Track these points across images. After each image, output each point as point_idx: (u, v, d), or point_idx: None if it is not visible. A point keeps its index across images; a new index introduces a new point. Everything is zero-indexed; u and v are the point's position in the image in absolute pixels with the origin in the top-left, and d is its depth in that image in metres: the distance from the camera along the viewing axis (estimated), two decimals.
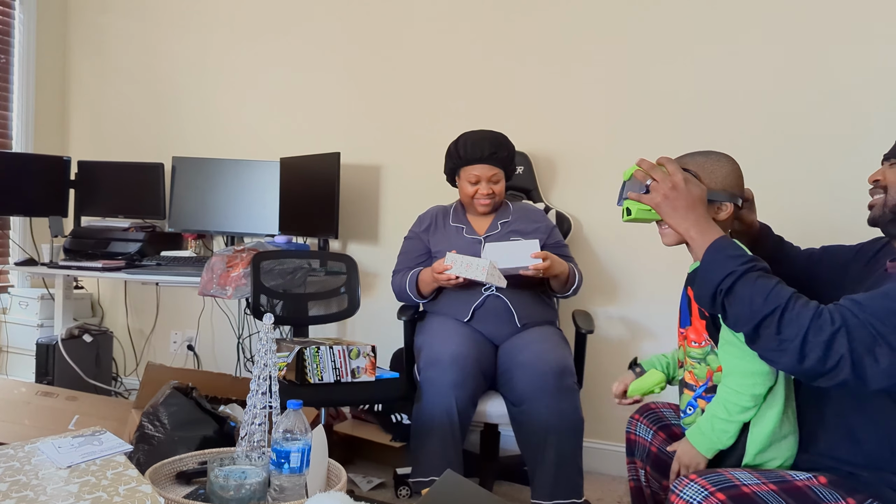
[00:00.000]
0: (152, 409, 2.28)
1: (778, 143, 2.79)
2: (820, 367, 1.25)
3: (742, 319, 1.33)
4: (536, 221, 2.68)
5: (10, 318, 3.75)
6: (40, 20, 3.95)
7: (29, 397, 2.85)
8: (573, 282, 2.58)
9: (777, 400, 1.47)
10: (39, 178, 3.59)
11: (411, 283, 2.61)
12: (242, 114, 3.76)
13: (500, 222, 2.65)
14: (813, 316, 1.27)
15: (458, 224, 2.68)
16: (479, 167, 2.57)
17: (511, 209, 2.71)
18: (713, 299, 1.39)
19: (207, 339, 3.84)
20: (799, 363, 1.26)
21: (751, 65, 2.82)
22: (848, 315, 1.26)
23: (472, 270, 2.33)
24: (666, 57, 2.95)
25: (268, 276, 2.91)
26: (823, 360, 1.24)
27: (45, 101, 4.02)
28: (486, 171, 2.58)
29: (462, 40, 3.29)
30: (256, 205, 3.54)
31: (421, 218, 2.77)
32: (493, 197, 2.61)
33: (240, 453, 1.70)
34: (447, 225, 2.69)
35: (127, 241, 3.57)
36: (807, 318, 1.27)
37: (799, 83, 2.76)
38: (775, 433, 1.47)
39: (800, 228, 2.73)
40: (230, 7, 3.76)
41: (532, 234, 2.62)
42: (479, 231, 2.65)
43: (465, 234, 2.64)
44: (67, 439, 1.60)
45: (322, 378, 2.36)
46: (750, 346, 1.36)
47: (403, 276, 2.65)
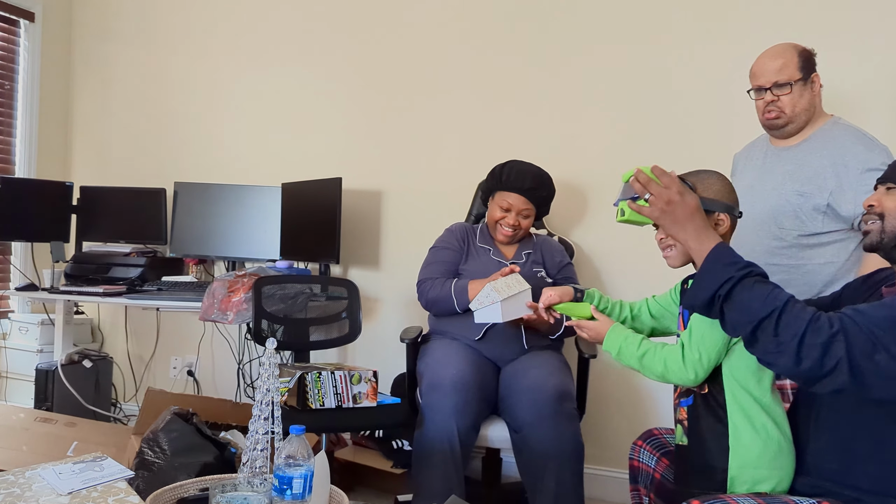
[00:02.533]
0: (152, 434, 2.27)
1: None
2: (817, 370, 1.25)
3: (740, 324, 1.34)
4: (556, 257, 2.70)
5: (9, 343, 3.74)
6: (44, 47, 3.99)
7: (28, 423, 2.83)
8: (559, 328, 2.54)
9: (756, 416, 1.49)
10: (42, 203, 3.60)
11: (460, 291, 2.51)
12: (244, 139, 3.78)
13: (525, 252, 2.66)
14: (811, 319, 1.28)
15: (485, 245, 2.68)
16: (514, 196, 2.59)
17: (534, 240, 2.72)
18: (710, 304, 1.40)
19: (208, 365, 3.83)
20: (796, 365, 1.27)
21: None
22: (847, 321, 1.27)
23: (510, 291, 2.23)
24: (662, 83, 2.98)
25: (269, 301, 2.91)
26: (821, 362, 1.25)
27: (49, 127, 4.04)
28: (520, 203, 2.59)
29: (462, 67, 3.32)
30: (258, 230, 3.54)
31: (452, 230, 2.74)
32: (518, 230, 2.62)
33: (242, 479, 1.69)
34: (475, 244, 2.70)
35: (128, 266, 3.57)
36: (804, 319, 1.28)
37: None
38: (762, 451, 1.47)
39: None
40: (232, 35, 3.80)
41: (552, 268, 2.65)
42: (507, 255, 2.66)
43: (492, 256, 2.64)
44: (68, 465, 1.59)
45: (323, 404, 2.35)
46: (749, 350, 1.37)
47: (444, 284, 2.56)
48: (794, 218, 2.13)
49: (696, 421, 1.55)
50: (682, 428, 1.59)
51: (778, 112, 2.17)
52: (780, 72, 2.15)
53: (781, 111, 2.17)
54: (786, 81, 2.14)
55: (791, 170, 2.17)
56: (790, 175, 2.16)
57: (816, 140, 2.17)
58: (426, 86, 3.40)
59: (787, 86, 2.14)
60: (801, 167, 2.14)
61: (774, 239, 2.16)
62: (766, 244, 2.17)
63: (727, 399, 1.51)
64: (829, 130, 2.17)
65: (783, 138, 2.24)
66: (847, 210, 2.07)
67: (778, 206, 2.15)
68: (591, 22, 3.11)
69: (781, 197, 2.15)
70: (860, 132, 2.15)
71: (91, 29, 4.11)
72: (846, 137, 2.13)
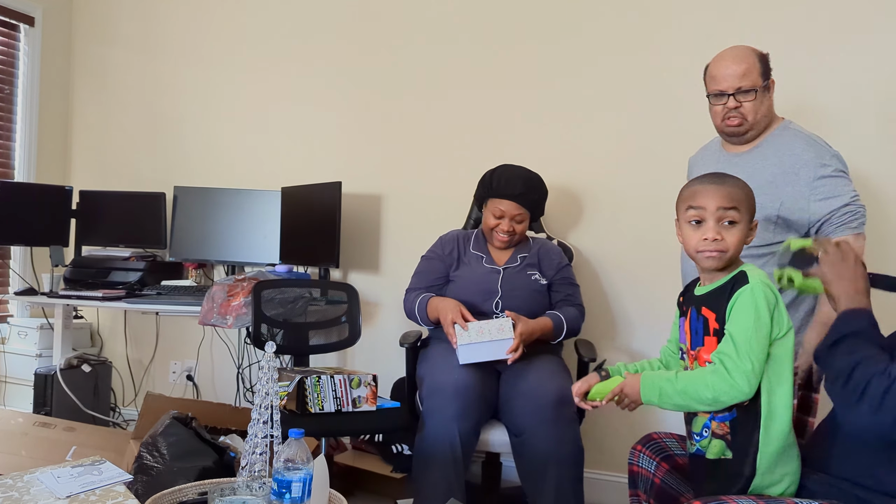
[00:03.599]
0: (151, 439, 2.26)
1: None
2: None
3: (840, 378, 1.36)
4: (553, 259, 2.70)
5: (8, 347, 3.73)
6: (44, 51, 3.99)
7: (26, 428, 2.82)
8: (560, 333, 2.56)
9: (781, 418, 1.48)
10: (41, 207, 3.60)
11: (421, 307, 2.60)
12: (244, 144, 3.78)
13: (520, 255, 2.66)
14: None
15: (479, 252, 2.68)
16: (506, 203, 2.58)
17: (531, 244, 2.72)
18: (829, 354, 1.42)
19: (207, 369, 3.82)
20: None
21: None
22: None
23: (485, 335, 2.37)
24: (660, 87, 2.98)
25: (268, 306, 2.90)
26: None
27: (48, 131, 4.04)
28: (512, 209, 2.58)
29: (463, 72, 3.33)
30: (257, 234, 3.54)
31: (443, 240, 2.76)
32: (513, 235, 2.62)
33: (240, 483, 1.69)
34: (468, 251, 2.70)
35: (127, 270, 3.56)
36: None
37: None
38: (782, 454, 1.47)
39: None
40: (232, 39, 3.80)
41: (549, 271, 2.65)
42: (499, 262, 2.66)
43: (484, 264, 2.64)
44: (67, 469, 1.59)
45: (323, 408, 2.34)
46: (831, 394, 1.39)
47: (416, 297, 2.63)
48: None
49: (744, 434, 1.51)
50: (725, 443, 1.54)
51: (741, 119, 2.12)
52: (743, 77, 2.08)
53: (744, 118, 2.12)
54: (750, 87, 2.09)
55: (742, 177, 2.08)
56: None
57: (768, 146, 2.14)
58: (426, 90, 3.40)
59: (752, 92, 2.09)
60: (754, 176, 2.06)
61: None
62: None
63: (762, 405, 1.50)
64: (781, 136, 2.15)
65: (739, 144, 2.20)
66: (798, 220, 2.07)
67: None
68: (591, 25, 3.11)
69: None
70: (811, 138, 2.12)
71: (91, 33, 4.12)
72: (797, 144, 2.10)
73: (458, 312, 2.42)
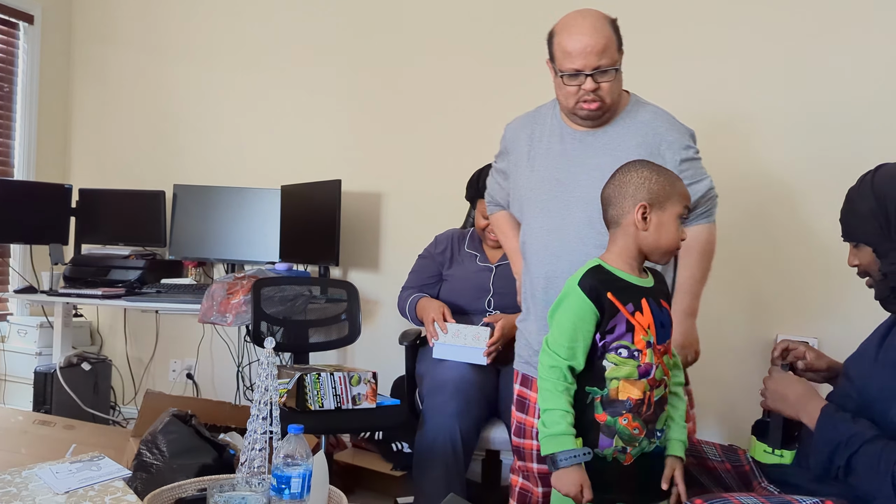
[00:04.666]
0: (151, 436, 2.26)
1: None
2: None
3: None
4: None
5: (8, 346, 3.72)
6: (44, 49, 3.98)
7: (26, 426, 2.82)
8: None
9: None
10: (41, 205, 3.59)
11: (411, 307, 2.63)
12: (243, 142, 3.77)
13: None
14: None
15: (473, 251, 2.69)
16: None
17: None
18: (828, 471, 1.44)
19: (207, 368, 3.81)
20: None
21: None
22: None
23: (460, 339, 2.42)
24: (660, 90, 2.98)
25: (268, 303, 2.90)
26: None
27: (48, 129, 4.04)
28: None
29: (464, 70, 3.32)
30: (257, 232, 3.54)
31: (438, 239, 2.78)
32: None
33: (240, 479, 1.68)
34: (462, 250, 2.71)
35: (127, 268, 3.56)
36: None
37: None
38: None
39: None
40: (232, 37, 3.80)
41: None
42: (492, 260, 2.67)
43: (477, 262, 2.65)
44: (65, 465, 1.58)
45: (322, 405, 2.34)
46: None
47: (408, 296, 2.67)
48: None
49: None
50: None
51: (600, 102, 1.84)
52: (602, 54, 1.80)
53: (603, 101, 1.84)
54: (610, 66, 1.81)
55: (607, 163, 1.81)
56: (609, 170, 1.77)
57: (625, 126, 1.92)
58: (426, 88, 3.40)
59: (612, 71, 1.82)
60: (619, 160, 1.78)
61: (596, 247, 1.80)
62: (589, 253, 1.79)
63: None
64: (637, 113, 1.94)
65: (591, 127, 1.93)
66: None
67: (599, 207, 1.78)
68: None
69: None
70: (668, 115, 1.96)
71: (90, 31, 4.11)
72: (658, 123, 1.92)
73: (439, 314, 2.48)
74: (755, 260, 2.85)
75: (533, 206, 1.96)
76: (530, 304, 2.00)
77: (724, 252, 2.82)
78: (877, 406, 1.41)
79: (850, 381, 1.54)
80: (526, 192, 1.98)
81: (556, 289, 1.78)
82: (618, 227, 1.61)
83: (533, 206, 1.96)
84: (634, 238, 1.59)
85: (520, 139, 2.05)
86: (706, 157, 2.16)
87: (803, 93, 2.80)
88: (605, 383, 1.54)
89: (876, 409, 1.41)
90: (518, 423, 2.00)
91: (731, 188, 2.84)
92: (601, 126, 1.92)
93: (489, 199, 2.27)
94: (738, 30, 2.89)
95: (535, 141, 2.00)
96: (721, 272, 2.84)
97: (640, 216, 1.57)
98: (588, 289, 1.55)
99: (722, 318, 2.85)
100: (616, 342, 1.54)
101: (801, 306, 2.77)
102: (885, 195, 1.45)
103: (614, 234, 1.63)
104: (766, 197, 2.84)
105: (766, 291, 2.83)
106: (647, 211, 1.57)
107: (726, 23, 2.90)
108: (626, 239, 1.60)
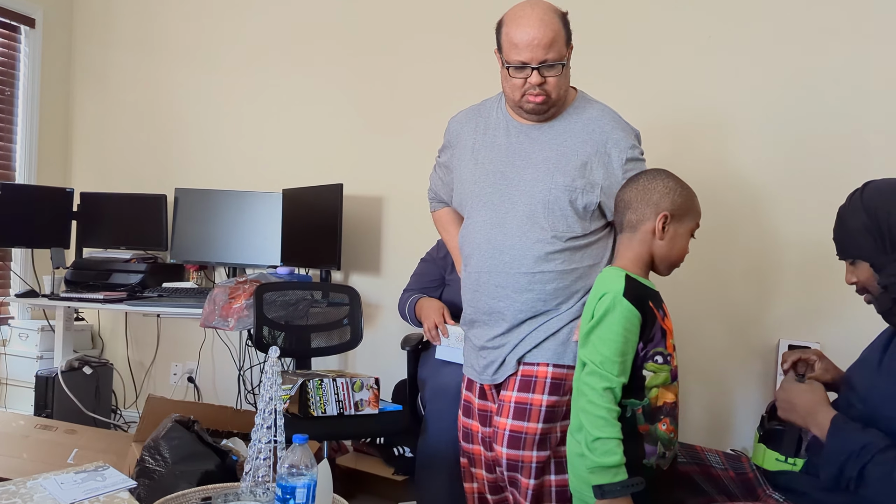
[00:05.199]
0: (153, 442, 2.26)
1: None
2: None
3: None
4: None
5: (9, 349, 3.72)
6: (45, 53, 3.98)
7: (28, 430, 2.81)
8: None
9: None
10: (42, 209, 3.59)
11: (410, 307, 2.63)
12: (245, 145, 3.77)
13: None
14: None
15: None
16: None
17: None
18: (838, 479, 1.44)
19: (208, 372, 3.81)
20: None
21: None
22: None
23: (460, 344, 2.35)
24: (658, 92, 2.98)
25: (270, 308, 2.90)
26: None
27: (49, 133, 4.04)
28: None
29: (466, 74, 3.32)
30: (259, 236, 3.54)
31: (440, 243, 2.78)
32: None
33: (244, 489, 1.68)
34: None
35: (128, 272, 3.56)
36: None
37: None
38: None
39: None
40: (233, 41, 3.80)
41: None
42: None
43: None
44: (70, 475, 1.58)
45: (325, 411, 2.33)
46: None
47: (408, 297, 2.66)
48: (565, 217, 1.83)
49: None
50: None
51: (545, 96, 1.80)
52: (549, 48, 1.75)
53: (548, 95, 1.81)
54: (557, 60, 1.77)
55: (553, 158, 1.85)
56: (554, 165, 1.85)
57: (572, 122, 1.88)
58: (428, 92, 3.40)
59: (559, 66, 1.78)
60: (565, 155, 1.83)
61: (546, 243, 1.83)
62: (538, 250, 1.83)
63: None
64: (584, 110, 1.90)
65: (537, 121, 1.90)
66: (609, 206, 1.85)
67: (547, 202, 1.83)
68: (591, 28, 3.10)
69: (550, 192, 1.83)
70: (615, 113, 1.92)
71: (92, 35, 4.11)
72: (605, 121, 1.88)
73: (440, 315, 2.46)
74: (757, 264, 2.85)
75: (476, 200, 1.93)
76: (473, 302, 1.96)
77: (725, 256, 2.84)
78: (881, 414, 1.42)
79: (854, 391, 1.54)
80: (470, 186, 1.95)
81: (496, 285, 1.85)
82: (634, 232, 1.62)
83: (476, 199, 1.93)
84: (649, 246, 1.60)
85: (464, 132, 2.01)
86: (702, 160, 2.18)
87: (805, 93, 2.80)
88: (643, 393, 1.54)
89: (880, 417, 1.42)
90: (465, 428, 2.01)
91: (733, 192, 2.85)
92: (547, 121, 1.89)
93: (432, 195, 2.25)
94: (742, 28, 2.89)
95: (480, 134, 1.96)
96: (723, 277, 2.86)
97: (661, 225, 1.57)
98: (633, 299, 1.53)
99: (724, 323, 2.85)
100: (654, 349, 1.55)
101: (802, 311, 2.77)
102: (877, 208, 1.46)
103: (628, 239, 1.64)
104: (767, 200, 2.84)
105: (768, 296, 2.83)
106: (668, 221, 1.58)
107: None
108: (642, 246, 1.61)
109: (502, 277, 1.85)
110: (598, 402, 1.48)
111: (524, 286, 1.83)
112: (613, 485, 1.44)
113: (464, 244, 1.97)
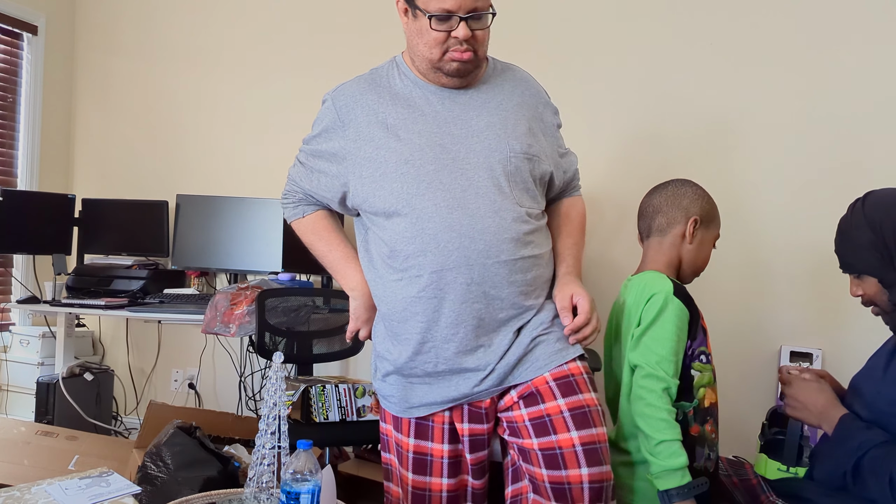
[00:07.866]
0: (155, 448, 2.26)
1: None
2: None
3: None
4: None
5: (10, 356, 3.72)
6: (47, 60, 3.99)
7: (28, 437, 2.81)
8: None
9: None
10: (44, 215, 3.59)
11: None
12: (246, 152, 3.78)
13: None
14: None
15: None
16: None
17: None
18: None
19: (209, 378, 3.81)
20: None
21: None
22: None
23: None
24: (658, 92, 2.99)
25: (272, 314, 2.90)
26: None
27: (51, 139, 4.04)
28: None
29: None
30: (260, 242, 3.54)
31: None
32: None
33: (248, 495, 1.68)
34: None
35: (130, 278, 3.56)
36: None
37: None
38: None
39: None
40: (234, 47, 3.81)
41: None
42: None
43: None
44: (74, 481, 1.58)
45: (327, 417, 2.34)
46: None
47: None
48: (527, 190, 1.59)
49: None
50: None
51: (473, 52, 1.54)
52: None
53: (476, 52, 1.55)
54: (486, 10, 1.53)
55: (497, 123, 1.59)
56: (502, 130, 1.59)
57: (501, 84, 1.67)
58: None
59: (488, 16, 1.55)
60: (509, 120, 1.60)
61: (522, 222, 1.56)
62: (515, 231, 1.54)
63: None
64: (506, 71, 1.71)
65: (457, 86, 1.63)
66: (557, 177, 1.69)
67: (508, 173, 1.56)
68: (590, 30, 3.12)
69: (510, 162, 1.56)
70: (530, 74, 1.76)
71: (94, 42, 4.12)
72: (532, 82, 1.71)
73: None
74: (759, 271, 2.85)
75: (414, 183, 1.56)
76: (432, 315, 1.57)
77: (727, 261, 2.85)
78: (886, 420, 1.43)
79: (859, 398, 1.54)
80: (398, 167, 1.57)
81: (468, 282, 1.52)
82: (663, 236, 1.64)
83: (414, 182, 1.56)
84: (679, 250, 1.63)
85: (360, 107, 1.67)
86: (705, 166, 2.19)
87: (806, 100, 2.81)
88: (692, 394, 1.55)
89: (886, 423, 1.43)
90: (384, 435, 1.86)
91: (735, 196, 2.86)
92: (468, 86, 1.63)
93: (296, 198, 1.90)
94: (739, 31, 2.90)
95: (388, 105, 1.64)
96: (726, 283, 2.87)
97: (692, 229, 1.60)
98: (683, 297, 1.56)
99: (726, 329, 2.85)
100: (699, 348, 1.58)
101: (805, 318, 2.77)
102: (881, 224, 1.45)
103: (658, 243, 1.66)
104: (769, 207, 2.85)
105: (770, 303, 2.83)
106: (697, 225, 1.61)
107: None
108: (672, 250, 1.65)
109: (477, 272, 1.52)
110: (658, 405, 1.46)
111: (504, 278, 1.53)
112: (681, 488, 1.43)
113: (404, 244, 1.57)
